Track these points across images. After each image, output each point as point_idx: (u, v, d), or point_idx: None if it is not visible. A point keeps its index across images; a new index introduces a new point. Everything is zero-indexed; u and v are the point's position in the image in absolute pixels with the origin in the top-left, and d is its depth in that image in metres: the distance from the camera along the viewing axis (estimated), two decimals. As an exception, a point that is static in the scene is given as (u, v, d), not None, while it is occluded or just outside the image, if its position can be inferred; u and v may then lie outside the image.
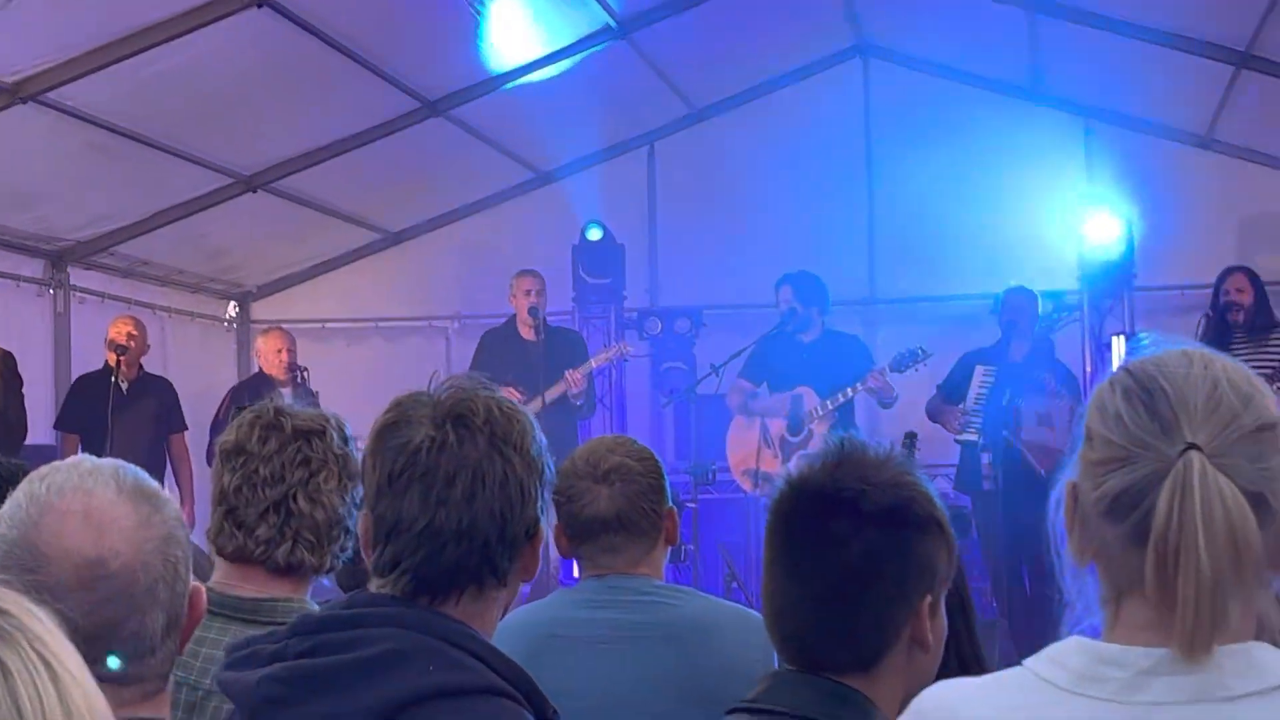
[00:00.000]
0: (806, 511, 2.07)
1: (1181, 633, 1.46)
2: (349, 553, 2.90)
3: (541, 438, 2.16)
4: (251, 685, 1.91)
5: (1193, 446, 1.49)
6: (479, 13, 8.86)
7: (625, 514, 3.24)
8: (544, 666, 3.17)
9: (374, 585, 2.08)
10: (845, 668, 2.05)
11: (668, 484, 3.40)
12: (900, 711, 2.09)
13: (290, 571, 2.79)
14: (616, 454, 3.29)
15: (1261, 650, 1.48)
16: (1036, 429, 8.79)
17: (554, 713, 2.08)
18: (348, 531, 2.90)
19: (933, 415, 9.28)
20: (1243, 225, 11.27)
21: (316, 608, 2.89)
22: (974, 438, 8.87)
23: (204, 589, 1.82)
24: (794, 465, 2.17)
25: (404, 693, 1.88)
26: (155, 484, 1.78)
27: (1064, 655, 1.55)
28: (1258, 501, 1.48)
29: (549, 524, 2.28)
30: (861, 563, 2.03)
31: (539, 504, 2.12)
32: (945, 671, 2.08)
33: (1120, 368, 1.61)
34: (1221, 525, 1.45)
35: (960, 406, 8.96)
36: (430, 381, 2.18)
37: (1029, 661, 1.58)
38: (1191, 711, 1.46)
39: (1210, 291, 9.59)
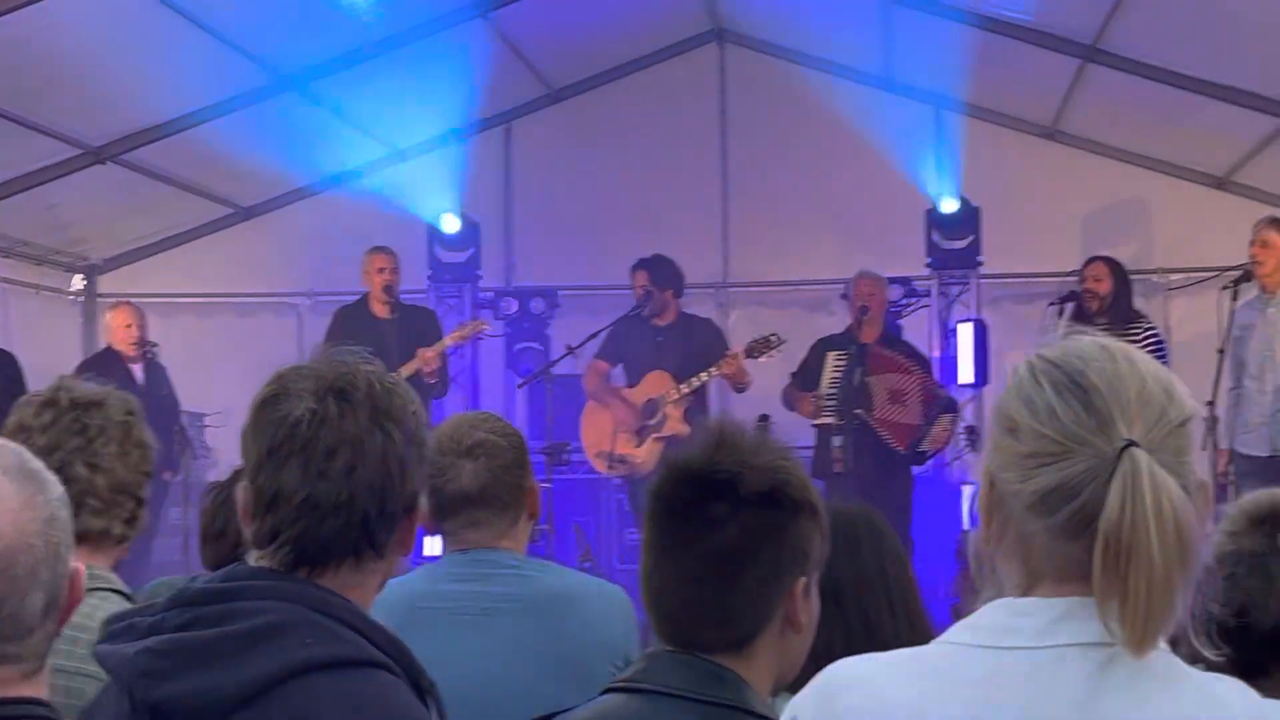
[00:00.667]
0: (685, 493, 2.09)
1: (1133, 627, 1.48)
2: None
3: (422, 412, 2.16)
4: (129, 658, 1.90)
5: (1131, 443, 1.51)
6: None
7: (489, 488, 3.24)
8: (409, 640, 3.17)
9: (253, 558, 2.08)
10: (721, 647, 2.07)
11: (530, 460, 3.42)
12: (772, 691, 2.15)
13: (81, 540, 2.77)
14: (481, 429, 3.29)
15: None
16: (889, 406, 8.95)
17: (429, 684, 2.09)
18: (139, 500, 2.94)
19: (788, 402, 9.38)
20: (1086, 216, 11.53)
21: (115, 577, 2.90)
22: (830, 420, 9.00)
23: (84, 569, 1.80)
24: (673, 448, 2.19)
25: (282, 665, 1.88)
26: (39, 464, 1.76)
27: (978, 618, 1.59)
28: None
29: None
30: (738, 544, 2.06)
31: (418, 478, 2.13)
32: None
33: (1039, 358, 1.62)
34: (1170, 522, 1.48)
35: (815, 392, 9.08)
36: (308, 354, 2.17)
37: (945, 635, 1.61)
38: (1101, 652, 1.51)
39: (1056, 280, 9.81)
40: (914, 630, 2.63)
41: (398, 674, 2.01)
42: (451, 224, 11.06)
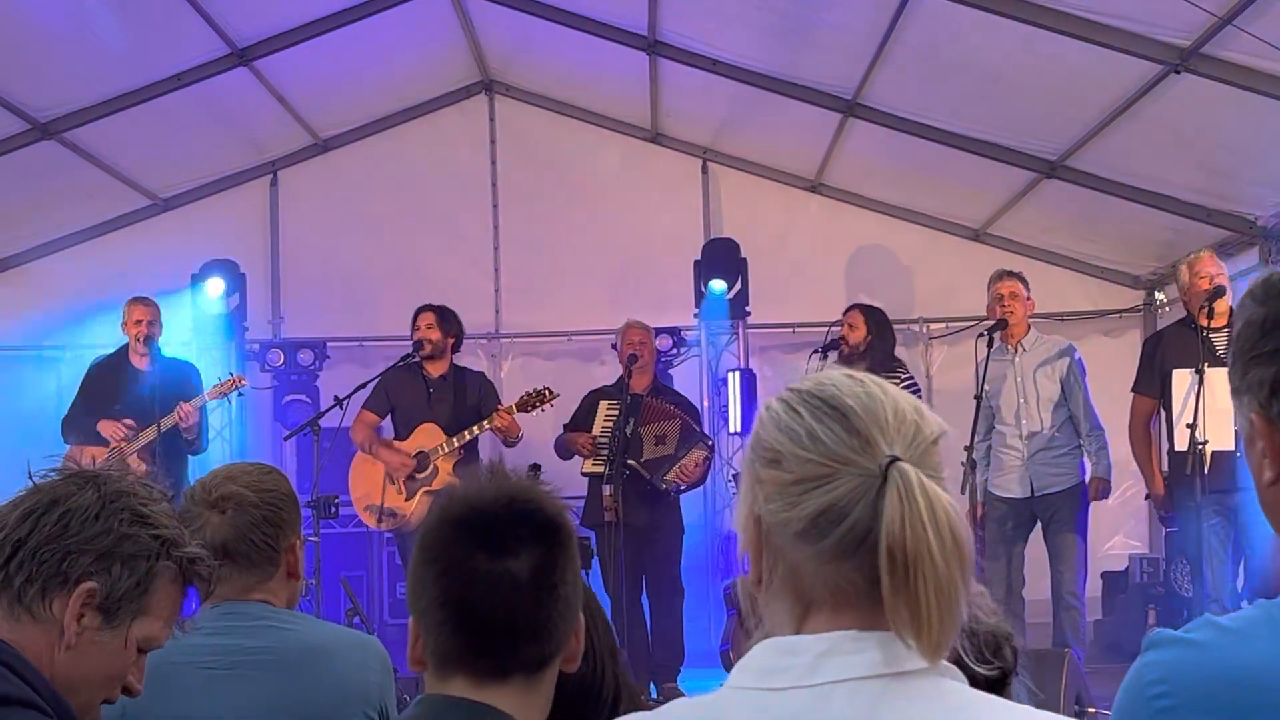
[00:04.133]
0: (497, 518, 2.07)
1: (927, 635, 1.50)
2: None
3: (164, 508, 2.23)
4: None
5: (896, 459, 1.54)
6: (86, 31, 8.56)
7: (232, 543, 3.17)
8: (159, 694, 3.08)
9: None
10: (531, 665, 2.07)
11: (297, 517, 3.34)
12: None
13: None
14: (235, 482, 3.23)
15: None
16: (653, 449, 9.04)
17: None
18: None
19: (563, 450, 9.40)
20: (850, 266, 11.79)
21: None
22: (600, 469, 9.03)
23: None
24: (453, 485, 2.16)
25: None
26: None
27: (749, 659, 1.59)
28: None
29: None
30: (549, 563, 2.07)
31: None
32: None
33: (791, 391, 1.63)
34: (947, 530, 1.51)
35: (588, 433, 9.14)
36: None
37: (728, 679, 1.60)
38: (868, 686, 1.51)
39: (821, 329, 9.97)
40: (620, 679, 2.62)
41: (50, 717, 1.99)
42: (216, 287, 10.79)
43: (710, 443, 9.50)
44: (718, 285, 10.68)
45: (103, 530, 2.22)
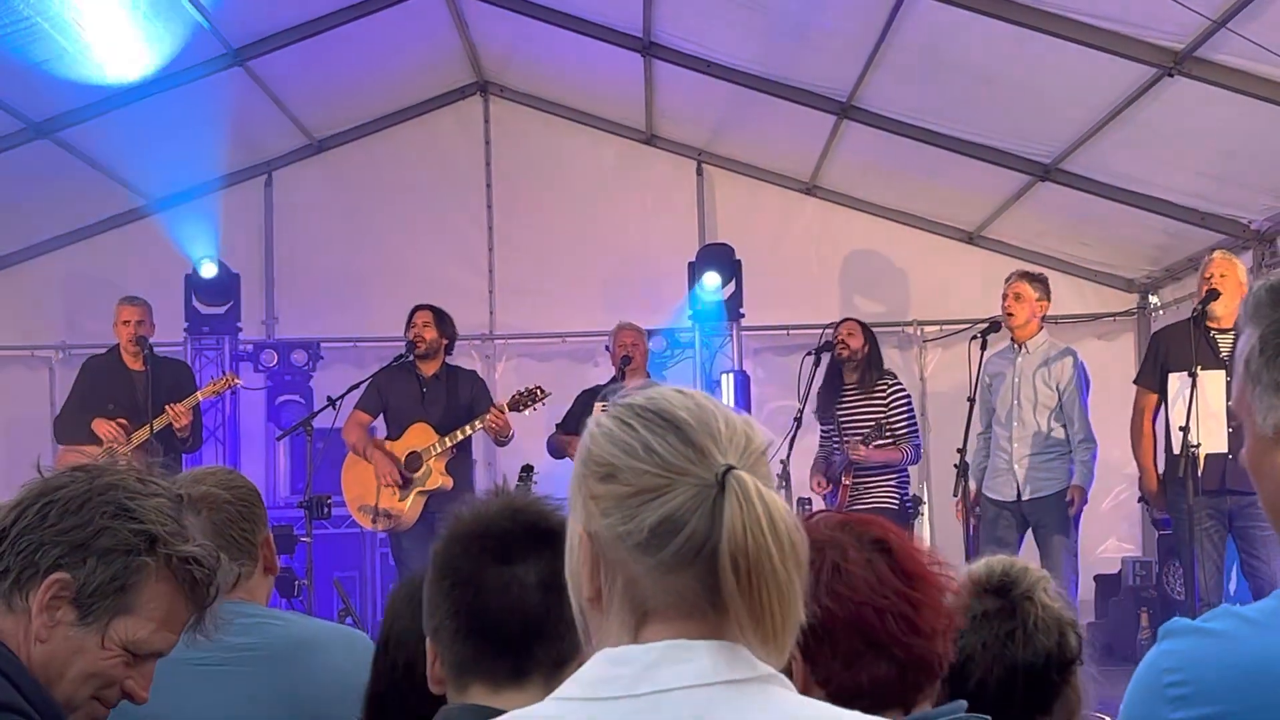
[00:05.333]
0: (508, 529, 2.14)
1: (771, 639, 1.52)
2: None
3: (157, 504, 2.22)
4: None
5: (731, 468, 1.55)
6: (82, 30, 8.55)
7: (213, 542, 3.19)
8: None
9: None
10: (531, 676, 2.11)
11: (265, 513, 3.37)
12: None
13: None
14: (204, 483, 3.24)
15: (744, 650, 1.56)
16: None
17: None
18: None
19: (556, 450, 9.38)
20: (844, 269, 11.80)
21: None
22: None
23: None
24: (457, 511, 2.20)
25: None
26: None
27: (583, 671, 1.59)
28: None
29: None
30: (557, 570, 2.09)
31: None
32: None
33: (621, 406, 1.65)
34: (785, 535, 1.52)
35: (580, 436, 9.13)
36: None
37: (556, 690, 1.61)
38: (698, 694, 1.52)
39: (815, 330, 9.98)
40: None
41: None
42: (209, 269, 10.78)
43: None
44: (711, 281, 10.66)
45: (82, 522, 2.18)
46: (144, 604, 2.20)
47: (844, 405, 9.22)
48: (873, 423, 8.94)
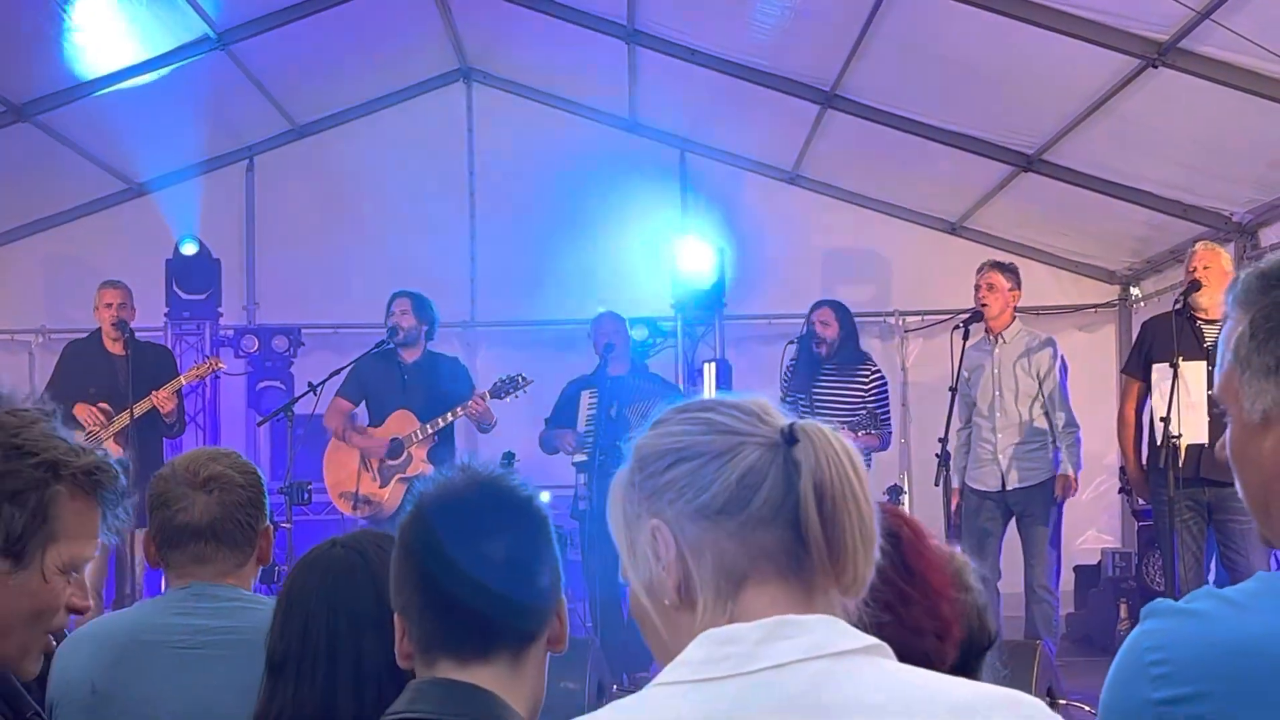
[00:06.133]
0: (477, 503, 2.13)
1: (851, 574, 1.56)
2: None
3: (40, 430, 2.14)
4: None
5: (792, 424, 1.58)
6: (64, 13, 8.51)
7: (220, 523, 3.19)
8: (127, 674, 3.07)
9: None
10: (513, 641, 2.12)
11: (267, 502, 3.36)
12: (532, 711, 2.14)
13: None
14: (219, 463, 3.24)
15: (845, 624, 1.56)
16: (640, 423, 8.97)
17: (34, 714, 2.05)
18: None
19: (549, 445, 9.37)
20: (826, 259, 11.81)
21: None
22: (583, 458, 9.02)
23: None
24: (425, 484, 2.19)
25: None
26: None
27: (686, 654, 1.57)
28: None
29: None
30: (529, 544, 2.14)
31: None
32: None
33: (658, 421, 1.68)
34: (863, 473, 1.58)
35: (573, 430, 9.12)
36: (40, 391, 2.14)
37: (660, 676, 1.59)
38: (808, 668, 1.52)
39: (798, 320, 9.97)
40: None
41: None
42: (189, 247, 10.74)
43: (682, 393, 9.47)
44: (692, 252, 10.65)
45: None
46: (66, 526, 2.18)
47: (821, 385, 9.16)
48: (863, 410, 8.90)
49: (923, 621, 2.14)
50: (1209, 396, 6.98)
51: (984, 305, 8.47)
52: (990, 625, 2.50)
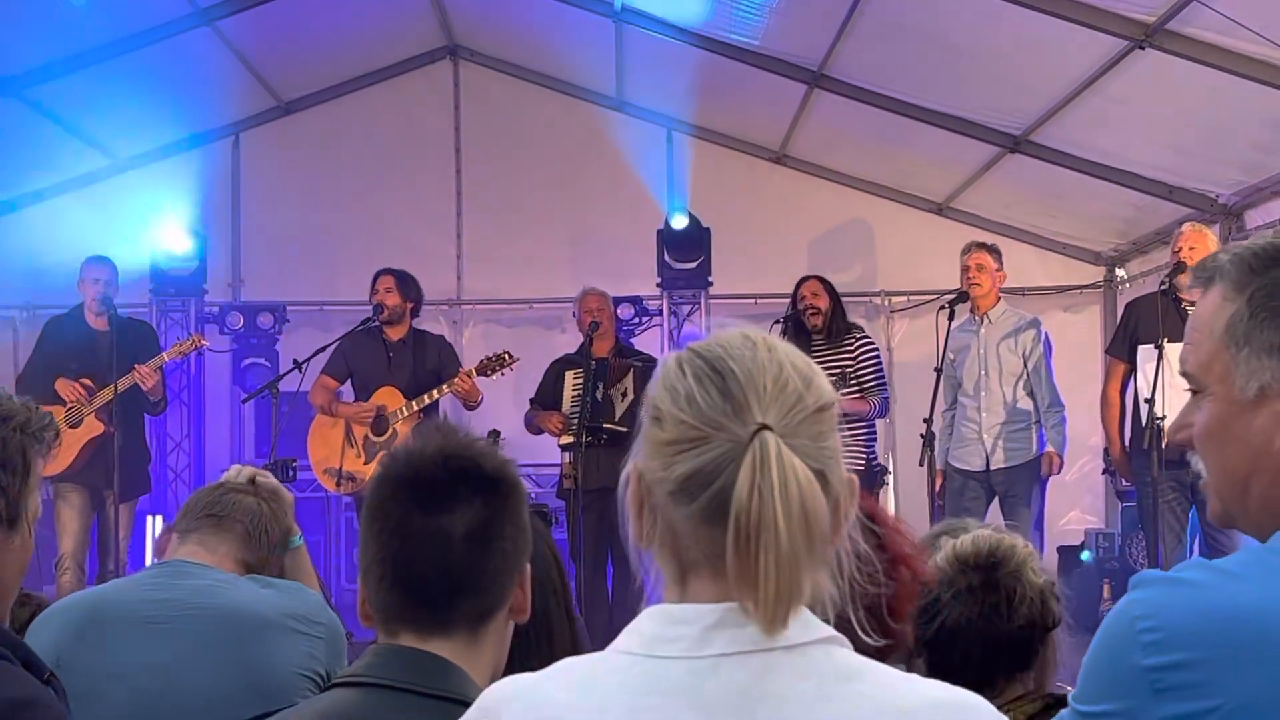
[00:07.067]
0: (434, 475, 2.11)
1: (765, 606, 1.50)
2: None
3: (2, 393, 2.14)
4: None
5: (764, 427, 1.53)
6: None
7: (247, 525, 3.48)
8: (90, 644, 3.09)
9: None
10: (469, 619, 2.11)
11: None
12: (491, 679, 2.13)
13: None
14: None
15: (805, 611, 1.54)
16: (622, 404, 8.98)
17: (50, 674, 2.05)
18: None
19: (533, 426, 9.35)
20: (813, 238, 11.80)
21: None
22: (571, 439, 9.00)
23: None
24: (395, 448, 2.18)
25: None
26: None
27: (639, 624, 1.58)
28: (820, 479, 1.54)
29: None
30: (488, 518, 2.11)
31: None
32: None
33: (687, 349, 1.62)
34: (796, 502, 1.49)
35: (559, 412, 9.10)
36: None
37: (612, 644, 1.60)
38: (756, 659, 1.51)
39: (784, 300, 9.97)
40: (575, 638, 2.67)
41: (14, 663, 1.99)
42: (175, 248, 10.69)
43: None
44: (680, 222, 10.66)
45: None
46: (35, 483, 2.25)
47: (811, 357, 9.14)
48: (839, 370, 8.87)
49: (909, 607, 2.17)
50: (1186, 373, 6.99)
51: (974, 285, 8.48)
52: (1053, 605, 2.64)
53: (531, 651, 2.40)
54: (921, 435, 8.36)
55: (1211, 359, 1.82)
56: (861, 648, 1.59)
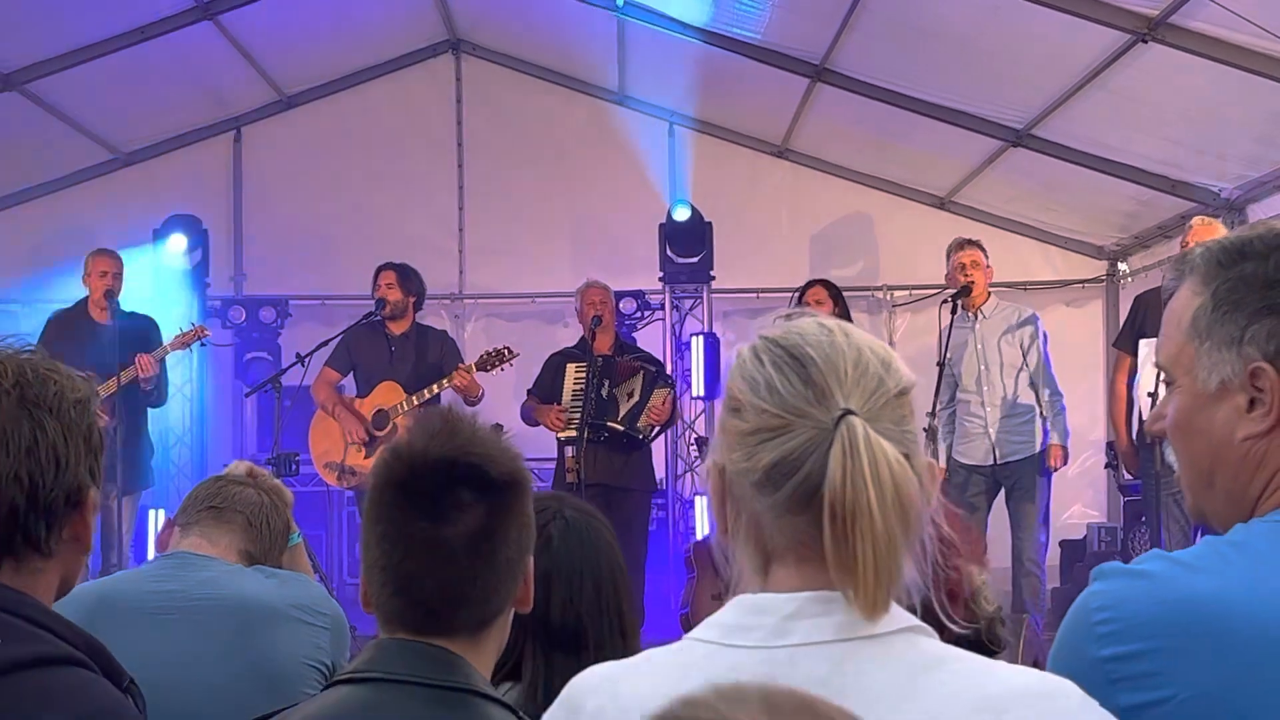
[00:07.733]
0: (435, 481, 2.05)
1: (864, 591, 1.49)
2: None
3: (90, 401, 2.04)
4: None
5: (849, 412, 1.52)
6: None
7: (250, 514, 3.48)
8: (98, 636, 3.08)
9: None
10: (470, 628, 2.08)
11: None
12: (494, 674, 2.13)
13: None
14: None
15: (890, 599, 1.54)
16: (627, 404, 8.99)
17: (130, 682, 1.99)
18: None
19: (530, 418, 9.33)
20: (815, 233, 11.80)
21: None
22: (573, 434, 8.99)
23: None
24: (402, 437, 2.13)
25: None
26: None
27: (719, 615, 1.58)
28: (906, 462, 1.53)
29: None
30: (491, 525, 2.06)
31: (84, 469, 2.00)
32: None
33: (760, 338, 1.62)
34: (889, 486, 1.49)
35: (559, 405, 9.07)
36: None
37: (691, 632, 1.59)
38: (835, 649, 1.51)
39: (786, 294, 9.97)
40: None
41: (95, 671, 1.91)
42: (178, 243, 10.66)
43: (671, 381, 9.45)
44: (682, 215, 10.65)
45: (82, 435, 2.02)
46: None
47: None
48: None
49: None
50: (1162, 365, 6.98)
51: (971, 282, 8.47)
52: (999, 634, 2.50)
53: (605, 645, 2.43)
54: (924, 429, 8.32)
55: (1179, 352, 1.84)
56: (946, 636, 1.58)
